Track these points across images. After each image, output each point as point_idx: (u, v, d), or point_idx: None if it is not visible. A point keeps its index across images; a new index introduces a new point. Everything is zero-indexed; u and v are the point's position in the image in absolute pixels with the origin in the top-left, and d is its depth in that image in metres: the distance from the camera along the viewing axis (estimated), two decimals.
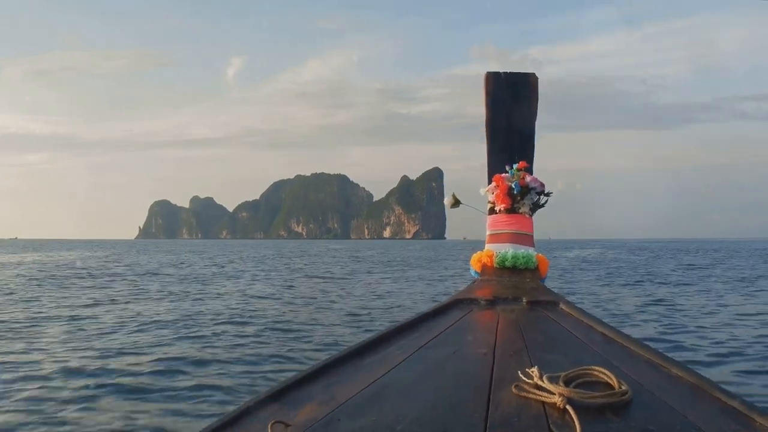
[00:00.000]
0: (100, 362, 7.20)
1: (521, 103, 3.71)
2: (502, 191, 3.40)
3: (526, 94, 3.71)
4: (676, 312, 11.95)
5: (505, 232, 3.38)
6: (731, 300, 14.50)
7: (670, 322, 10.47)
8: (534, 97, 3.72)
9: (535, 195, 3.42)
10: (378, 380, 1.64)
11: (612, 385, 1.44)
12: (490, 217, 3.49)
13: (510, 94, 3.71)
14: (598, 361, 1.70)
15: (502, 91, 3.72)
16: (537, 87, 3.72)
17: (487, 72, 3.74)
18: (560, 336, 2.24)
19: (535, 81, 3.72)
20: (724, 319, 11.11)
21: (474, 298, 2.79)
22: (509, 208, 3.41)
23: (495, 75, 3.74)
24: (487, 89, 3.73)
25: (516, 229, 3.37)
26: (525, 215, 3.42)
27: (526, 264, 3.27)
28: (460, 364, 1.80)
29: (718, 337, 8.89)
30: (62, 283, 20.05)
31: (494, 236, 3.41)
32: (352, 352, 1.94)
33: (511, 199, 3.39)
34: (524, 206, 3.41)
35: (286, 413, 1.45)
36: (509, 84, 3.74)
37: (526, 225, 3.41)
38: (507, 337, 2.14)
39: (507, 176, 3.43)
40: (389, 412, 1.38)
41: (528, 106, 3.71)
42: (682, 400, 1.48)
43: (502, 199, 3.40)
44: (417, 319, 2.43)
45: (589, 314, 2.49)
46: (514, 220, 3.39)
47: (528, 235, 3.40)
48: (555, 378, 1.44)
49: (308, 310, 12.53)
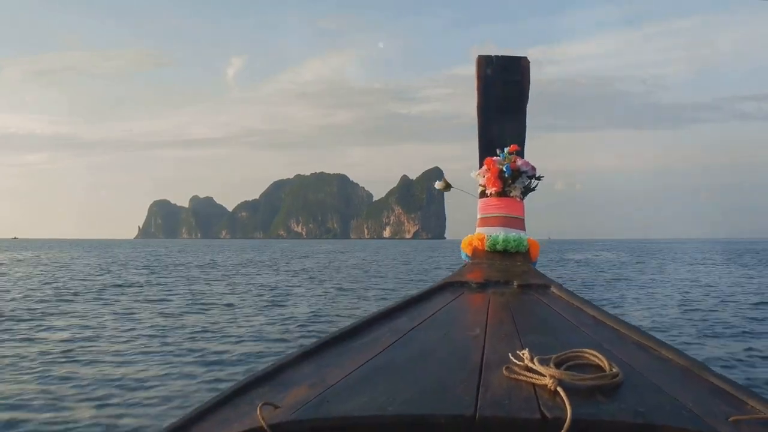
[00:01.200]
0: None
1: (513, 87, 3.69)
2: (493, 174, 3.39)
3: (518, 77, 3.70)
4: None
5: (496, 215, 3.37)
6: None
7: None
8: (526, 80, 3.72)
9: (527, 178, 3.41)
10: (368, 362, 1.63)
11: (603, 368, 1.44)
12: (481, 201, 3.47)
13: (502, 78, 3.70)
14: (589, 343, 1.70)
15: (494, 75, 3.71)
16: (529, 70, 3.71)
17: (479, 56, 3.73)
18: (551, 319, 2.25)
19: (526, 64, 3.71)
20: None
21: (465, 281, 2.79)
22: (500, 192, 3.39)
23: (487, 59, 3.74)
24: (479, 73, 3.73)
25: (507, 212, 3.36)
26: (516, 199, 3.41)
27: (517, 247, 3.26)
28: (450, 347, 1.80)
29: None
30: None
31: (485, 219, 3.41)
32: (343, 335, 1.94)
33: (502, 183, 3.38)
34: (515, 190, 3.40)
35: (276, 395, 1.44)
36: (501, 67, 3.72)
37: (517, 208, 3.40)
38: (498, 319, 2.14)
39: (498, 159, 3.42)
40: (379, 393, 1.37)
41: (520, 90, 3.70)
42: (673, 382, 1.48)
43: (493, 182, 3.39)
44: (407, 302, 2.43)
45: (580, 297, 2.50)
46: (505, 204, 3.38)
47: (519, 218, 3.39)
48: (546, 360, 1.44)
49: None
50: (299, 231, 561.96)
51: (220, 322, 10.59)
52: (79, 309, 12.27)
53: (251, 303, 13.69)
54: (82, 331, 9.27)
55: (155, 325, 10.08)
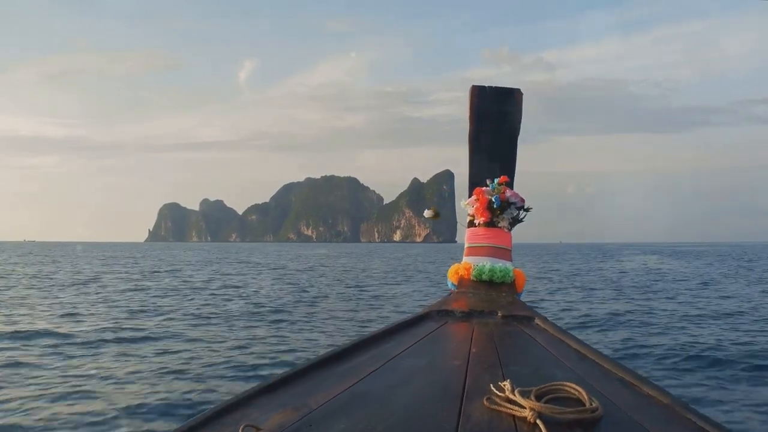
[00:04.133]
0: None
1: (505, 118, 3.70)
2: (482, 205, 3.40)
3: (511, 109, 3.70)
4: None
5: (483, 245, 3.38)
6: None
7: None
8: (518, 112, 3.72)
9: (515, 210, 3.42)
10: (350, 388, 1.65)
11: (583, 402, 1.45)
12: (468, 230, 3.49)
13: (495, 109, 3.71)
14: (571, 377, 1.69)
15: (487, 105, 3.72)
16: (521, 103, 3.71)
17: (473, 85, 3.74)
18: (534, 351, 2.24)
19: (519, 97, 3.71)
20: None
21: (449, 309, 2.80)
22: (488, 222, 3.41)
23: (480, 89, 3.74)
24: (471, 102, 3.73)
25: (494, 243, 3.37)
26: (504, 230, 3.42)
27: (503, 278, 3.26)
28: (432, 375, 1.80)
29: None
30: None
31: (472, 249, 3.41)
32: (325, 360, 1.95)
33: (491, 213, 3.39)
34: (503, 221, 3.41)
35: (257, 418, 1.45)
36: (494, 98, 3.73)
37: (505, 239, 3.41)
38: (481, 349, 2.15)
39: (487, 190, 3.43)
40: (360, 420, 1.38)
41: (512, 122, 3.71)
42: (654, 420, 1.47)
43: (482, 212, 3.40)
44: (391, 329, 2.44)
45: (564, 330, 2.49)
46: (493, 234, 3.39)
47: (506, 249, 3.40)
48: (527, 392, 1.45)
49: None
50: (309, 234, 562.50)
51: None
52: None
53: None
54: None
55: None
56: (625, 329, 10.96)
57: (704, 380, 7.10)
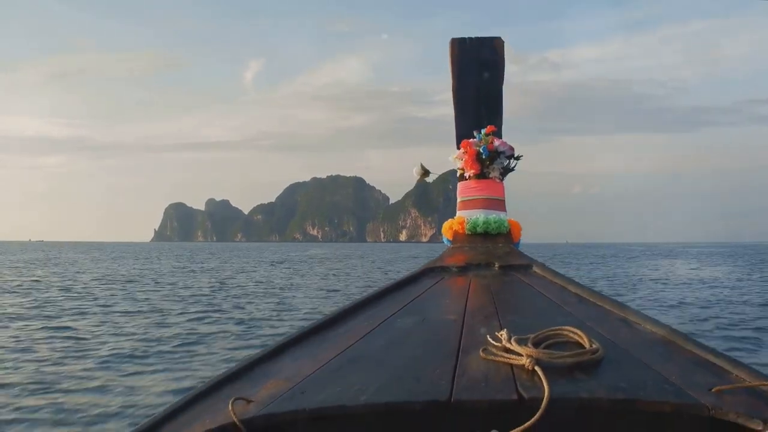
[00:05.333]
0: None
1: (488, 68, 3.64)
2: (471, 157, 3.32)
3: (493, 58, 3.64)
4: None
5: (475, 198, 3.31)
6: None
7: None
8: (501, 61, 3.65)
9: (505, 159, 3.34)
10: (344, 352, 1.63)
11: (582, 344, 1.43)
12: (460, 184, 3.42)
13: (476, 60, 3.65)
14: (571, 321, 1.67)
15: (469, 57, 3.66)
16: (503, 51, 3.65)
17: (452, 38, 3.68)
18: (532, 299, 2.25)
19: (500, 45, 3.65)
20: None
21: (445, 265, 2.79)
22: (479, 174, 3.33)
23: (460, 41, 3.69)
24: (452, 56, 3.67)
25: (487, 194, 3.30)
26: (495, 180, 3.34)
27: (498, 229, 3.20)
28: (428, 332, 1.79)
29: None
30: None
31: (465, 203, 3.35)
32: (319, 326, 1.93)
33: (480, 164, 3.32)
34: (494, 171, 3.33)
35: (249, 390, 1.44)
36: (475, 49, 3.67)
37: (497, 190, 3.33)
38: (478, 302, 2.14)
39: (475, 141, 3.35)
40: (354, 382, 1.36)
41: (494, 71, 3.64)
42: (656, 355, 1.47)
43: (471, 164, 3.32)
44: (386, 290, 2.43)
45: (563, 276, 2.47)
46: (484, 186, 3.31)
47: (499, 199, 3.33)
48: (524, 340, 1.42)
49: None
50: (314, 234, 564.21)
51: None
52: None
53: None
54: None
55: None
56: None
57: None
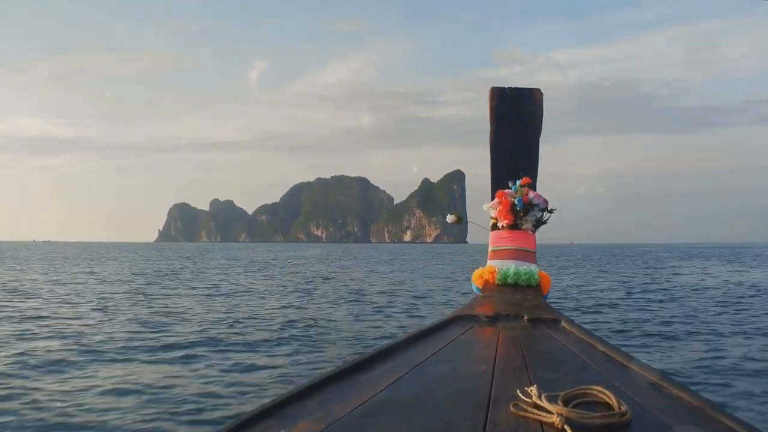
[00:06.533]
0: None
1: (526, 119, 3.68)
2: (505, 207, 3.39)
3: (532, 110, 3.69)
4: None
5: (507, 248, 3.37)
6: None
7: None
8: (539, 112, 3.70)
9: (539, 211, 3.41)
10: (375, 397, 1.63)
11: (612, 406, 1.43)
12: (492, 233, 3.47)
13: (515, 110, 3.70)
14: (599, 380, 1.67)
15: (507, 107, 3.70)
16: (542, 103, 3.70)
17: (492, 87, 3.73)
18: (561, 354, 2.23)
19: (540, 97, 3.70)
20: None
21: (474, 314, 2.79)
22: (512, 225, 3.39)
23: (500, 90, 3.74)
24: (491, 104, 3.72)
25: (518, 245, 3.36)
26: (528, 231, 3.40)
27: (528, 281, 3.25)
28: (458, 382, 1.79)
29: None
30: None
31: (497, 252, 3.40)
32: (349, 368, 1.93)
33: (514, 216, 3.38)
34: (527, 222, 3.40)
35: (281, 429, 1.44)
36: (514, 99, 3.72)
37: (529, 241, 3.39)
38: (507, 354, 2.13)
39: (510, 192, 3.42)
40: (384, 428, 1.37)
41: (533, 123, 3.69)
42: (684, 422, 1.45)
43: (505, 215, 3.39)
44: (416, 335, 2.43)
45: (591, 333, 2.47)
46: (517, 237, 3.37)
47: (531, 251, 3.38)
48: (554, 397, 1.42)
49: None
50: (319, 234, 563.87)
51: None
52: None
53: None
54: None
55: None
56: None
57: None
